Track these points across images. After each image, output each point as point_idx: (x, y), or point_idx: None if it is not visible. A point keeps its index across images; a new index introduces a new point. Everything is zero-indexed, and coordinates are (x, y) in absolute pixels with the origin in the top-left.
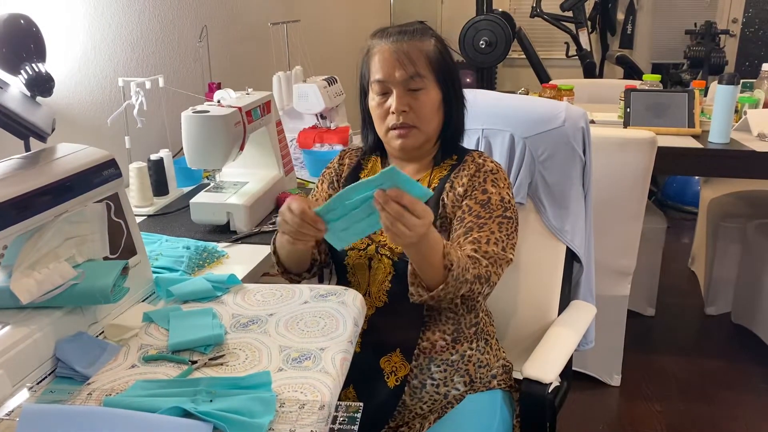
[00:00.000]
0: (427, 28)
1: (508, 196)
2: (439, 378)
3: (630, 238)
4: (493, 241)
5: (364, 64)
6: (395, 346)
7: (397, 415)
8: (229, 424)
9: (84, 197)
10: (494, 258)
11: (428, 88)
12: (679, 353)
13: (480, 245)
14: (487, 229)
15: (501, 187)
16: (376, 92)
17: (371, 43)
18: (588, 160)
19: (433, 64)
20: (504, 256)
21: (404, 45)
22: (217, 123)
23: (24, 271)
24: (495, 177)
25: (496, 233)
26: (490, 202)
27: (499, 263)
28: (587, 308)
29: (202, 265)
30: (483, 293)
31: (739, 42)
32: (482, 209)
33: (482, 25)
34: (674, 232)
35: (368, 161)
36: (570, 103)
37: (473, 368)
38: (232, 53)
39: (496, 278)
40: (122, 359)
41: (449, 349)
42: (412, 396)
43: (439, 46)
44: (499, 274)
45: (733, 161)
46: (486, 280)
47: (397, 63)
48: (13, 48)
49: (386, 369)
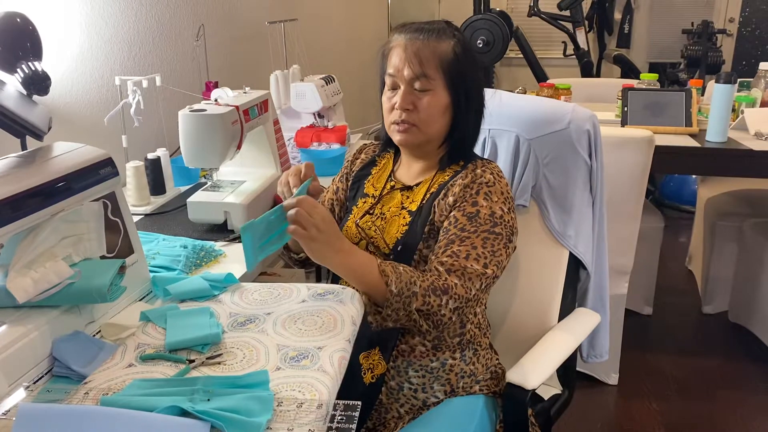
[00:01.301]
0: (448, 29)
1: (501, 211)
2: (417, 383)
3: (627, 237)
4: (474, 256)
5: (382, 57)
6: (375, 344)
7: (375, 414)
8: (226, 423)
9: (81, 196)
10: (469, 274)
11: (436, 89)
12: (676, 352)
13: (458, 259)
14: (469, 243)
15: (494, 201)
16: (388, 86)
17: (392, 37)
18: (596, 164)
19: (445, 67)
20: (483, 272)
21: (418, 43)
22: (214, 122)
23: (20, 270)
24: (489, 190)
25: (479, 249)
26: (479, 215)
27: (472, 279)
28: (590, 316)
29: (200, 264)
30: (447, 306)
31: (736, 41)
32: (468, 222)
33: (479, 25)
34: (672, 231)
35: (383, 158)
36: (578, 105)
37: (455, 378)
38: (229, 52)
39: (464, 292)
40: (119, 358)
41: (429, 355)
42: (389, 396)
43: (458, 50)
44: (469, 288)
45: (730, 160)
46: (444, 292)
47: (406, 61)
48: (10, 46)
49: (364, 365)
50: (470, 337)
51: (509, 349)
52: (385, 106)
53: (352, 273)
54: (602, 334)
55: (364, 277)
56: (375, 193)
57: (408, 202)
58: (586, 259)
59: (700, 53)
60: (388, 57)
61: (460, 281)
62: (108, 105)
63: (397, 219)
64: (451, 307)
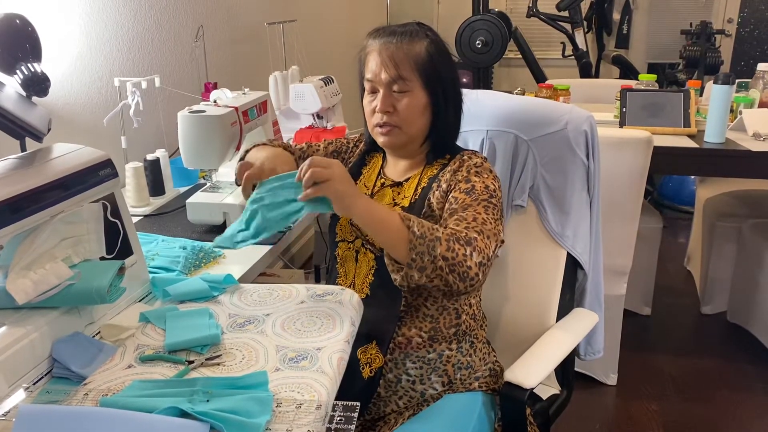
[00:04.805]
0: (420, 30)
1: (493, 185)
2: (414, 374)
3: (626, 238)
4: (481, 220)
5: (360, 62)
6: (372, 338)
7: (373, 408)
8: (226, 424)
9: (80, 197)
10: (487, 232)
11: (413, 90)
12: (675, 352)
13: (470, 222)
14: (472, 210)
15: (485, 177)
16: (367, 90)
17: (366, 42)
18: (593, 165)
19: (420, 68)
20: (494, 230)
21: (392, 47)
22: (213, 123)
23: (20, 271)
24: (478, 169)
25: (482, 215)
26: (475, 189)
27: (489, 237)
28: (588, 316)
29: (199, 265)
30: (472, 259)
31: (735, 42)
32: (467, 196)
33: (478, 25)
34: (670, 231)
35: (372, 157)
36: (575, 106)
37: (452, 369)
38: (228, 53)
39: (485, 247)
40: (119, 359)
41: (426, 346)
42: (387, 389)
43: (431, 49)
44: (489, 245)
45: (728, 161)
46: (467, 243)
47: (382, 65)
48: (9, 48)
49: (362, 360)
50: (466, 328)
51: (507, 349)
52: (367, 109)
53: (377, 219)
54: (599, 332)
55: (386, 223)
56: (367, 192)
57: (400, 198)
58: (584, 259)
59: (699, 54)
60: (365, 62)
61: (479, 236)
62: (107, 106)
63: None
64: (476, 261)
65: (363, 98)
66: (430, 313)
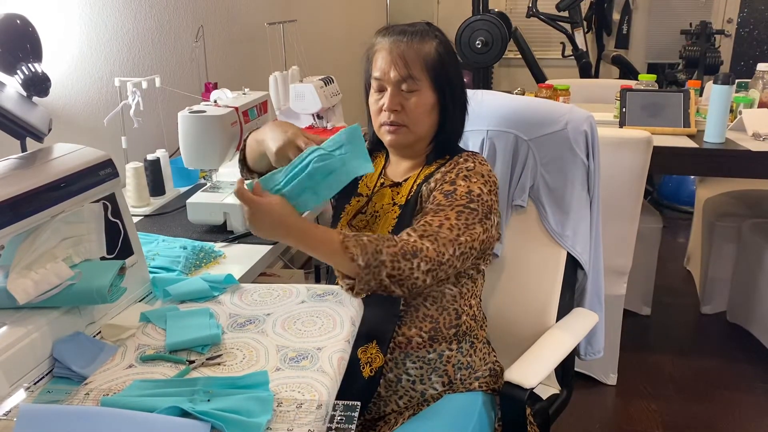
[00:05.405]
0: (430, 30)
1: (479, 190)
2: (415, 374)
3: (626, 238)
4: (447, 226)
5: (367, 60)
6: (372, 337)
7: (374, 408)
8: (226, 424)
9: (81, 197)
10: (442, 239)
11: (422, 90)
12: (675, 352)
13: (430, 227)
14: (442, 215)
15: (473, 182)
16: (374, 89)
17: (375, 40)
18: (593, 165)
19: (430, 68)
20: (455, 239)
21: (402, 46)
22: (213, 123)
23: (21, 271)
24: (469, 173)
25: (452, 220)
26: (455, 193)
27: (445, 244)
28: (588, 316)
29: (199, 265)
30: (419, 269)
31: (734, 42)
32: (444, 198)
33: (478, 25)
34: (670, 231)
35: (374, 158)
36: (575, 106)
37: (452, 369)
38: (228, 53)
39: (436, 255)
40: (119, 359)
41: (426, 346)
42: (387, 389)
43: (441, 50)
44: (442, 252)
45: (728, 161)
46: (413, 255)
47: (392, 63)
48: (9, 48)
49: (362, 359)
50: (466, 328)
51: (507, 349)
52: (373, 108)
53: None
54: (599, 332)
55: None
56: (368, 192)
57: (398, 197)
58: (584, 259)
59: (699, 54)
60: (373, 60)
61: (432, 245)
62: (108, 106)
63: (389, 214)
64: (423, 269)
65: (368, 97)
66: (430, 313)
